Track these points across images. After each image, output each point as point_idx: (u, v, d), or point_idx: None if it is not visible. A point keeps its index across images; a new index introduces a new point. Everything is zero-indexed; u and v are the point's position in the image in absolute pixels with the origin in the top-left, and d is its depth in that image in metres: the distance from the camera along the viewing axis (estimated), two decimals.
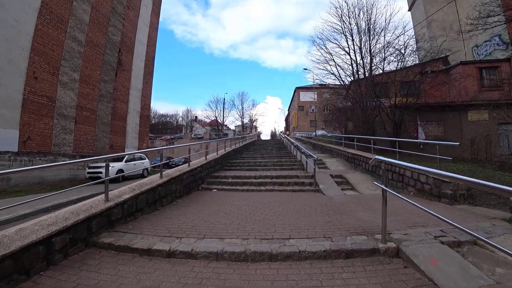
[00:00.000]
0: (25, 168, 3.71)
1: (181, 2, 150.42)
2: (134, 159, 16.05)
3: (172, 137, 48.77)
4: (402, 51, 14.65)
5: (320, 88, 29.37)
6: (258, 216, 4.81)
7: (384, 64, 15.62)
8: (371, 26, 15.97)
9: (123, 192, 4.58)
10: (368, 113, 15.01)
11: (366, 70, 16.16)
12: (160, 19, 25.63)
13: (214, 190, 8.09)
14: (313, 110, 43.90)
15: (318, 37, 21.10)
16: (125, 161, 15.00)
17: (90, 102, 16.64)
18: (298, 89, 54.06)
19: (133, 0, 20.93)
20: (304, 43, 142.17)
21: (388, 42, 15.43)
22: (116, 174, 13.23)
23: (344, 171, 10.37)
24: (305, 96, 50.06)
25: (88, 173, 13.58)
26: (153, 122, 71.02)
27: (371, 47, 16.03)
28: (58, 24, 14.01)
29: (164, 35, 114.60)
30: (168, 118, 79.77)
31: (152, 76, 24.71)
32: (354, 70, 16.72)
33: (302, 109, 53.44)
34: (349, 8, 16.63)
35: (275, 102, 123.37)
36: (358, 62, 16.55)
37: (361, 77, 16.26)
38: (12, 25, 11.81)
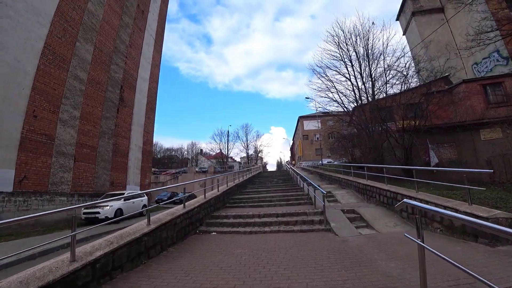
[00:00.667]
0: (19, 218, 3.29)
1: (185, 41, 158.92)
2: (133, 197, 15.42)
3: (177, 171, 48.19)
4: (405, 72, 14.34)
5: (323, 116, 29.04)
6: (259, 272, 3.97)
7: (386, 87, 15.25)
8: (370, 51, 15.81)
9: (96, 247, 3.82)
10: (375, 139, 14.32)
11: (368, 95, 15.77)
12: (166, 57, 26.43)
13: (213, 233, 7.22)
14: (317, 138, 43.37)
15: (317, 66, 21.25)
16: (124, 200, 14.34)
17: (90, 139, 16.36)
18: (301, 118, 54.15)
19: (136, 39, 21.56)
20: (304, 74, 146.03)
21: (389, 66, 15.13)
22: (114, 214, 12.78)
23: (356, 204, 9.45)
24: (309, 125, 49.91)
25: (84, 213, 12.84)
26: (159, 156, 71.23)
27: (372, 72, 15.74)
28: (60, 64, 14.12)
29: (170, 72, 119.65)
30: (173, 152, 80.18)
31: (155, 111, 24.77)
32: (357, 96, 16.33)
33: (306, 138, 53.06)
34: (346, 35, 16.63)
35: (280, 132, 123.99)
36: (360, 87, 16.21)
37: (365, 102, 15.81)
38: (13, 65, 11.83)
